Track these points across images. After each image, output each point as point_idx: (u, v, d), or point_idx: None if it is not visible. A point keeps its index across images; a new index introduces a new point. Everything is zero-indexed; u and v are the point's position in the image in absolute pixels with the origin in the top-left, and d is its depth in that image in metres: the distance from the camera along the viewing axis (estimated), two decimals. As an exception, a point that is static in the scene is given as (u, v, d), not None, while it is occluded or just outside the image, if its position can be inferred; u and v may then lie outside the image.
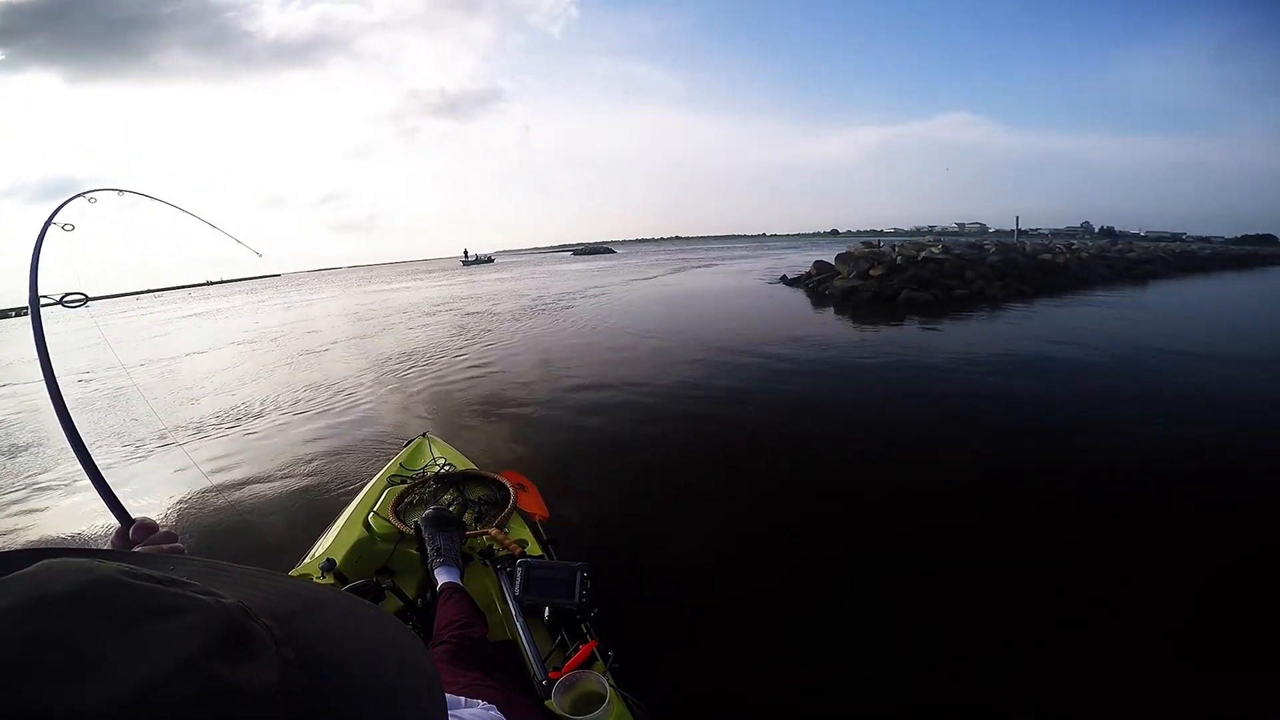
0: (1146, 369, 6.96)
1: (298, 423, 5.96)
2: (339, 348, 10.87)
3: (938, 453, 4.37)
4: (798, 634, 2.46)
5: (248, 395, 7.35)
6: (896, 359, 7.52)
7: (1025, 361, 7.29)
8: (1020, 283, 15.35)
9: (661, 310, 14.16)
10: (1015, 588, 2.75)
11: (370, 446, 4.93)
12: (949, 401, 5.66)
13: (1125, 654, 2.32)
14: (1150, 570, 2.87)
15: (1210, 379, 6.44)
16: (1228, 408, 5.37)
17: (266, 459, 4.90)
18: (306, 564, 1.92)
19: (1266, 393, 5.96)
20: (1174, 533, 3.20)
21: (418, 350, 9.45)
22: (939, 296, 13.30)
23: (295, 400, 6.83)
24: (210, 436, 5.72)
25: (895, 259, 15.49)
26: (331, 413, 6.19)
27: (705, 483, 4.01)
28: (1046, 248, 22.39)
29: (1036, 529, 3.30)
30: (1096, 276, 19.31)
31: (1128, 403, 5.61)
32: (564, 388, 6.62)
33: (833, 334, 9.78)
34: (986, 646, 2.37)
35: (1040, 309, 12.55)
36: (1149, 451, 4.28)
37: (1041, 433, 4.78)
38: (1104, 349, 7.94)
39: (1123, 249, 27.22)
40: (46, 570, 0.29)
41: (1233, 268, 30.35)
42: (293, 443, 5.30)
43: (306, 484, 4.30)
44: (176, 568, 0.36)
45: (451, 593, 1.52)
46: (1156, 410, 5.33)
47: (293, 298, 31.67)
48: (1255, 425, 4.89)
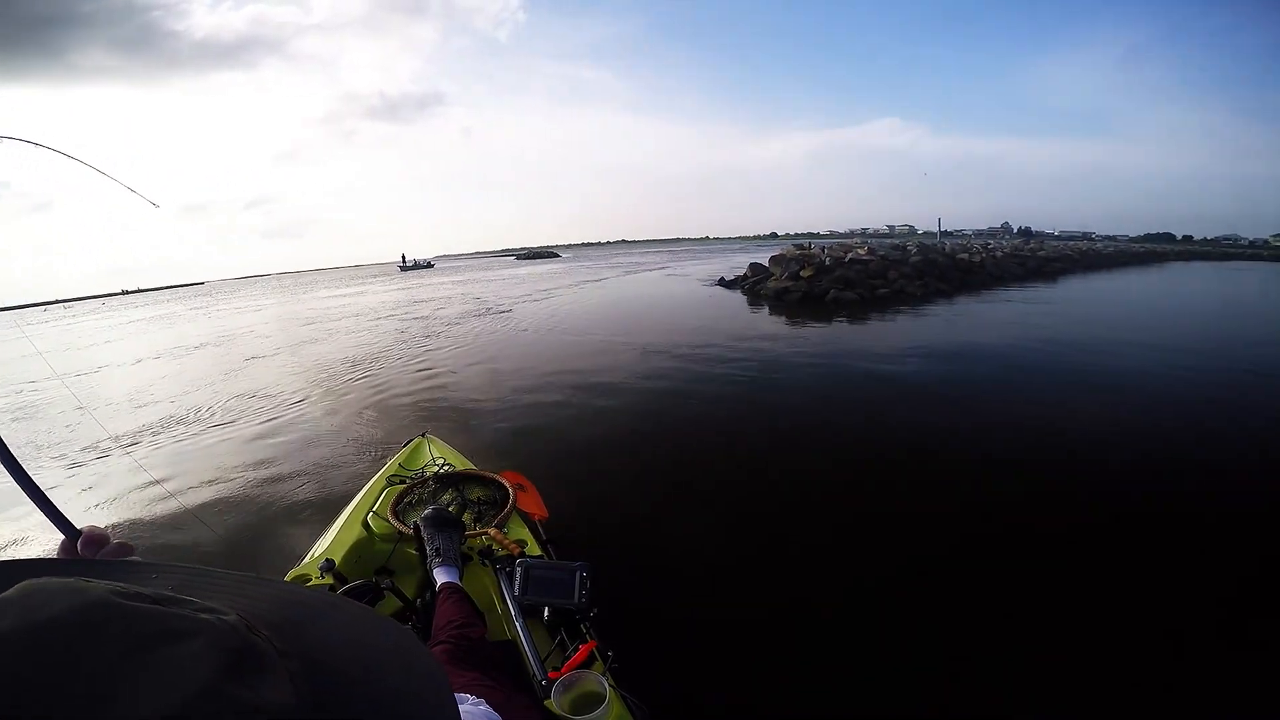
0: (1036, 354, 7.87)
1: (248, 428, 5.81)
2: (282, 358, 10.49)
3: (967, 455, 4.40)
4: (797, 634, 2.45)
5: (184, 405, 7.06)
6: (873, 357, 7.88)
7: (951, 350, 8.09)
8: (939, 281, 16.23)
9: (611, 313, 14.30)
10: (1020, 584, 2.78)
11: (328, 456, 4.86)
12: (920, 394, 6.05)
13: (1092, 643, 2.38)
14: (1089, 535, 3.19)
15: (1097, 361, 7.45)
16: (1115, 387, 6.25)
17: (213, 466, 4.77)
18: (306, 564, 1.90)
19: (1133, 369, 7.03)
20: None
21: (365, 358, 9.24)
22: (864, 296, 13.95)
23: (243, 408, 6.61)
24: (147, 446, 5.53)
25: (824, 260, 16.03)
26: (282, 423, 5.99)
27: (704, 482, 4.00)
28: (964, 248, 23.71)
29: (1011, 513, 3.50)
30: (1010, 274, 20.65)
31: (1020, 386, 6.39)
32: (521, 388, 6.66)
33: (778, 334, 10.10)
34: (986, 648, 2.36)
35: (959, 305, 13.51)
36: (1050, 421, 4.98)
37: (966, 408, 5.50)
38: (1013, 338, 8.83)
39: (1034, 248, 29.09)
40: (32, 593, 0.28)
41: (1134, 265, 33.10)
42: (243, 448, 5.19)
43: (261, 490, 4.21)
44: (160, 578, 0.36)
45: (450, 593, 1.51)
46: (1043, 390, 6.16)
47: (223, 306, 29.84)
48: (1134, 396, 5.91)
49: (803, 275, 15.09)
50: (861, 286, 14.42)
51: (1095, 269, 27.40)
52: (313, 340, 12.30)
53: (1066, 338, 8.95)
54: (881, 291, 14.55)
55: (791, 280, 15.08)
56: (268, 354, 10.87)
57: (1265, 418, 5.13)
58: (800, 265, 15.74)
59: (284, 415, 6.10)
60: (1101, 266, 28.97)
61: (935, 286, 15.75)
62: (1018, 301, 14.31)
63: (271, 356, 10.54)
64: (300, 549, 2.39)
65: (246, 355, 10.93)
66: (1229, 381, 6.41)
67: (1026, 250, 27.08)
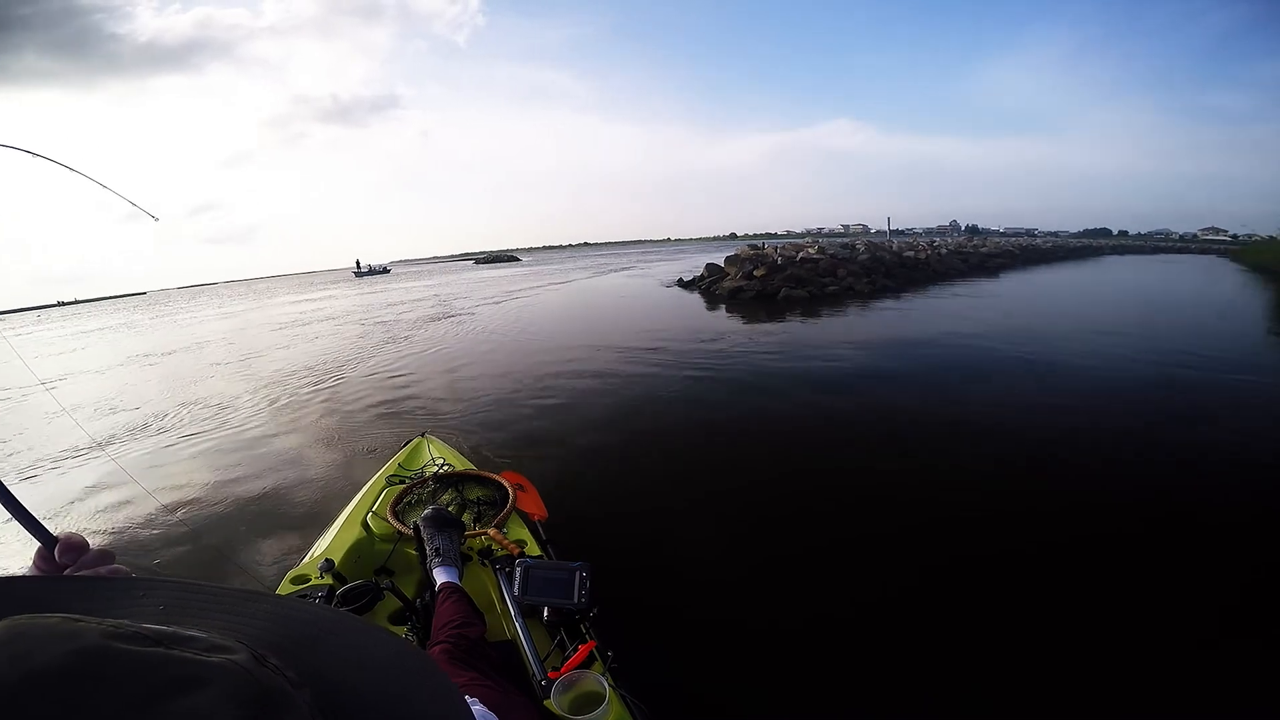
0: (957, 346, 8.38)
1: (222, 435, 5.66)
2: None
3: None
4: (797, 634, 2.44)
5: (149, 411, 6.87)
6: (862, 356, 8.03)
7: (895, 343, 8.48)
8: (885, 278, 16.82)
9: (574, 314, 14.37)
10: (1032, 579, 2.77)
11: (302, 453, 4.86)
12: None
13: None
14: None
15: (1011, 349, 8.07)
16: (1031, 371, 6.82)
17: (190, 472, 4.68)
18: (305, 564, 1.88)
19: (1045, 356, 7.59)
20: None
21: (324, 365, 9.02)
22: (814, 293, 14.36)
23: (208, 416, 6.39)
24: (134, 451, 5.41)
25: (776, 260, 16.42)
26: (256, 433, 5.88)
27: (696, 481, 3.98)
28: (911, 246, 24.69)
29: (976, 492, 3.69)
30: (954, 271, 21.53)
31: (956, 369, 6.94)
32: (486, 388, 6.65)
33: (739, 332, 10.19)
34: (987, 648, 2.33)
35: (905, 300, 14.07)
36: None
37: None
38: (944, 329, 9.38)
39: (977, 245, 30.44)
40: (17, 636, 0.26)
41: (1071, 259, 34.96)
42: (223, 455, 5.08)
43: (240, 494, 4.14)
44: (148, 597, 0.34)
45: (450, 593, 1.51)
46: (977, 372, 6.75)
47: (180, 318, 28.40)
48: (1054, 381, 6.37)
49: (756, 274, 15.47)
50: (812, 284, 14.88)
51: (1034, 264, 28.89)
52: (283, 346, 11.99)
53: (997, 331, 9.50)
54: (831, 289, 14.98)
55: (745, 279, 15.45)
56: (234, 360, 10.71)
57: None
58: (754, 265, 16.13)
59: (252, 423, 6.10)
60: (1040, 261, 30.58)
61: (881, 283, 16.29)
62: (965, 296, 15.06)
63: (240, 362, 10.35)
64: (281, 551, 2.39)
65: (217, 361, 10.73)
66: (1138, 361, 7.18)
67: (969, 247, 28.37)
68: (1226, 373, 6.50)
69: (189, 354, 12.40)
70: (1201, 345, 7.98)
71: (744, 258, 17.40)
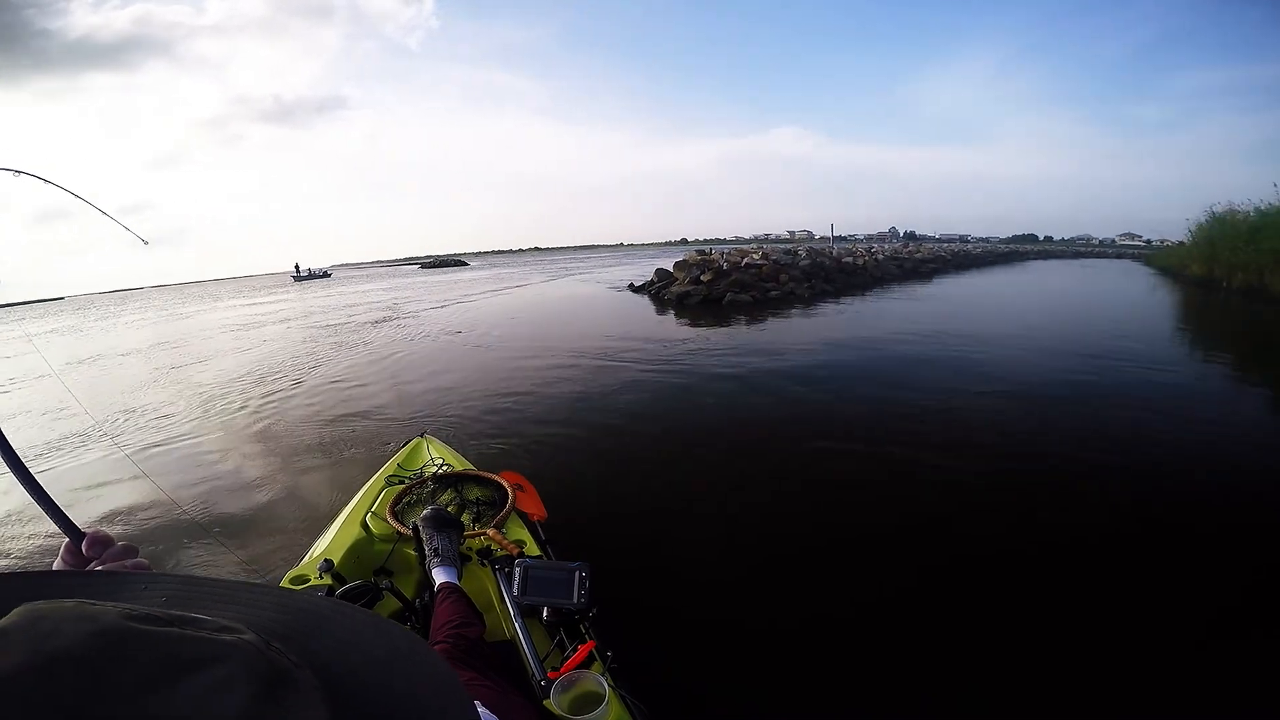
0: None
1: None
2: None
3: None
4: (797, 633, 2.45)
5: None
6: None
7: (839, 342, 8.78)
8: (825, 283, 17.42)
9: (528, 319, 14.32)
10: (1031, 578, 2.79)
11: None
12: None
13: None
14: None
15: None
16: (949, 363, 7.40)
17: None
18: (304, 564, 1.85)
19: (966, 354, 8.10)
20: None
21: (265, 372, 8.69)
22: (757, 298, 14.76)
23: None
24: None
25: (722, 265, 16.76)
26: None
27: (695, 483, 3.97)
28: (850, 252, 25.80)
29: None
30: (890, 275, 22.44)
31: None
32: (442, 390, 6.57)
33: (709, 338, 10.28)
34: (989, 651, 2.32)
35: (844, 303, 14.70)
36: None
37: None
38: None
39: (912, 251, 31.99)
40: (37, 620, 0.26)
41: (1000, 263, 37.08)
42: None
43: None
44: (150, 589, 0.35)
45: (449, 593, 1.51)
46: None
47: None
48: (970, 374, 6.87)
49: (703, 280, 15.68)
50: (755, 289, 15.26)
51: (965, 268, 30.50)
52: (227, 353, 11.61)
53: (919, 329, 10.17)
54: (773, 294, 15.43)
55: (693, 284, 15.66)
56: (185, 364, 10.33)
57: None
58: (701, 270, 16.38)
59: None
60: (971, 266, 32.31)
61: (821, 288, 16.85)
62: (903, 299, 15.91)
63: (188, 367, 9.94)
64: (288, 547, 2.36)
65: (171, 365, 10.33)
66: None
67: (905, 253, 29.80)
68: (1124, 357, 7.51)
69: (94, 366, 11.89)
70: (1097, 336, 9.06)
71: (692, 263, 17.73)
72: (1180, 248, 24.20)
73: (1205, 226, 19.86)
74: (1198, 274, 18.94)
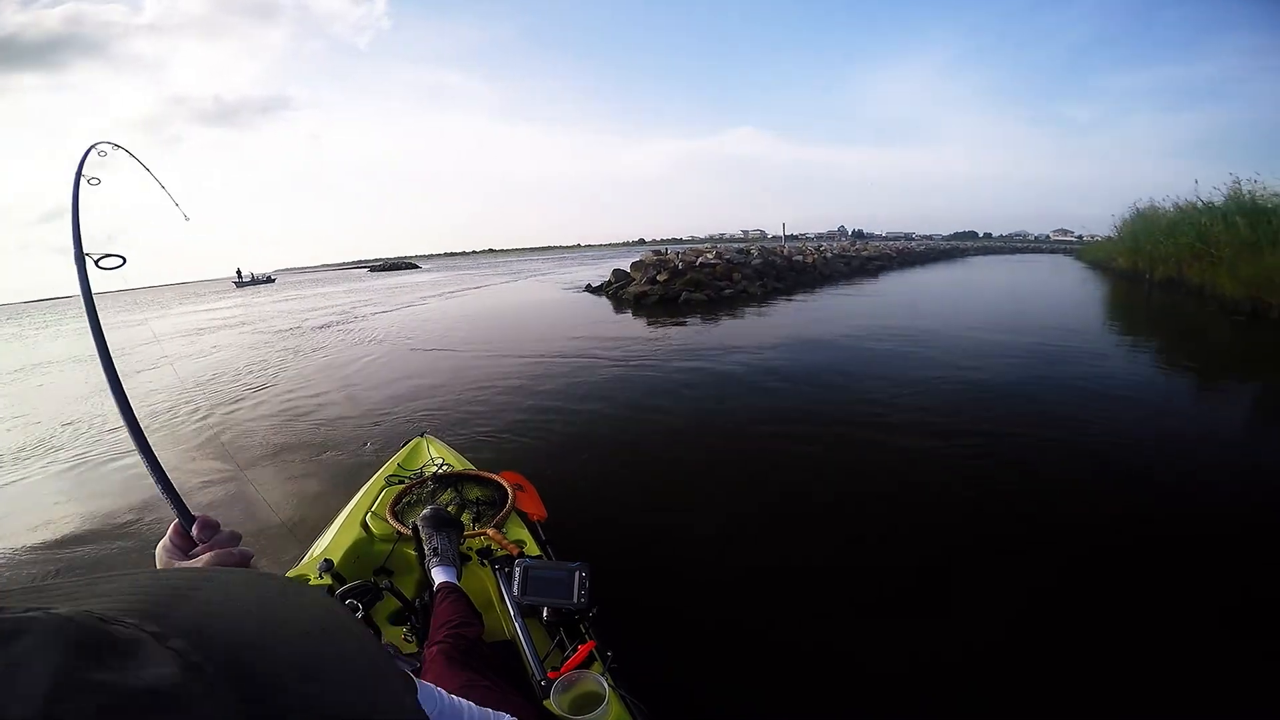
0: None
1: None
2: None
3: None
4: (797, 632, 2.45)
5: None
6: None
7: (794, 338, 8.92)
8: (776, 281, 17.84)
9: (485, 321, 14.17)
10: (1029, 577, 2.77)
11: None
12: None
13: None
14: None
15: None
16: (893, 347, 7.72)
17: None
18: (304, 564, 1.84)
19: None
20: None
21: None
22: (711, 296, 14.99)
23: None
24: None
25: (678, 265, 16.91)
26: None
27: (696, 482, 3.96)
28: (800, 251, 26.43)
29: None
30: (838, 273, 23.12)
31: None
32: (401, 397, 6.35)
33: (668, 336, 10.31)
34: (991, 653, 2.31)
35: (796, 300, 15.12)
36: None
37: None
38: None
39: (860, 249, 32.95)
40: None
41: (942, 260, 38.56)
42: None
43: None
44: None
45: (448, 593, 1.51)
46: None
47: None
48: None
49: (659, 279, 15.79)
50: (710, 288, 15.45)
51: (909, 265, 31.72)
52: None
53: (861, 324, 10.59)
54: (727, 292, 15.66)
55: (650, 284, 15.74)
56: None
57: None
58: (657, 270, 16.48)
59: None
60: (915, 263, 33.57)
61: (772, 286, 17.23)
62: (852, 295, 16.44)
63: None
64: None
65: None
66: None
67: (853, 251, 30.69)
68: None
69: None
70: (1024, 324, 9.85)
71: (648, 263, 17.84)
72: (1108, 242, 25.57)
73: (1129, 222, 20.94)
74: (1123, 267, 20.00)
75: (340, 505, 2.44)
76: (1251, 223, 11.41)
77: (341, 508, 2.37)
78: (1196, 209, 14.69)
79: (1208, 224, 13.26)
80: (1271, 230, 10.64)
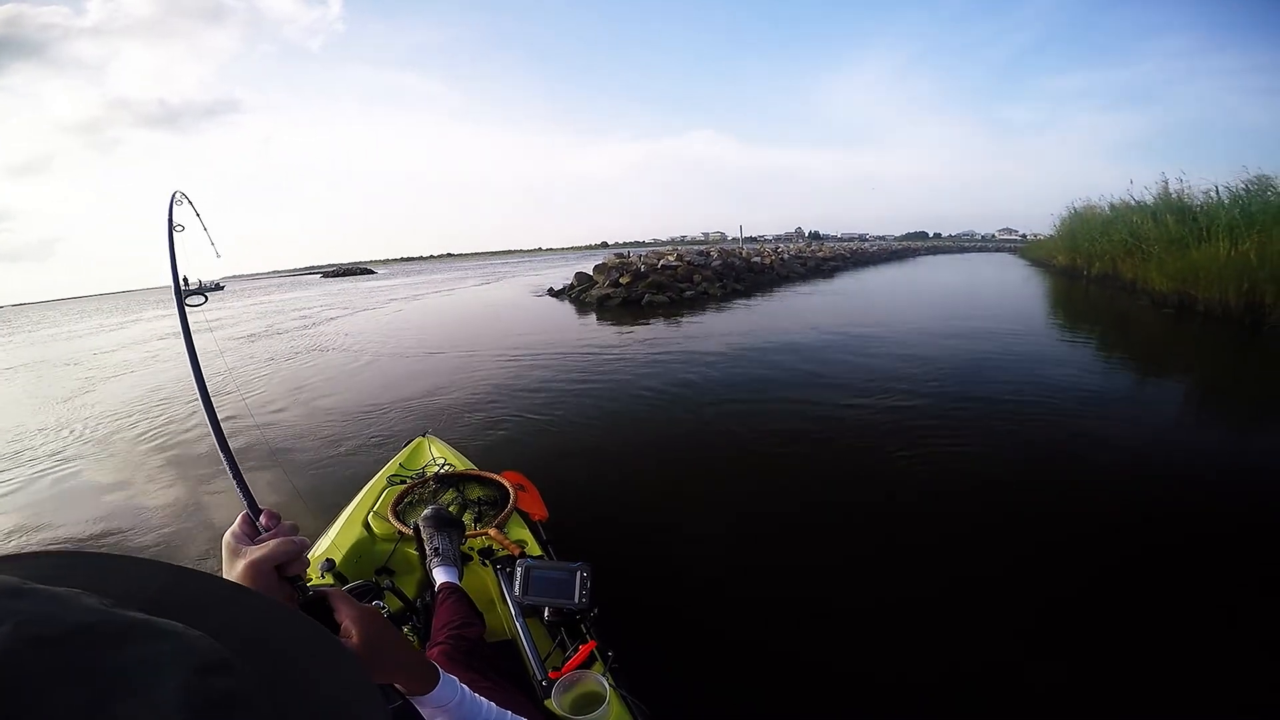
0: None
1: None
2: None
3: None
4: (797, 632, 2.43)
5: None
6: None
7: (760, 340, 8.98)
8: (735, 283, 18.12)
9: (447, 326, 13.96)
10: (1028, 578, 2.76)
11: None
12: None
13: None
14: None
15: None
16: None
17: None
18: None
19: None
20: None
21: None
22: (673, 298, 15.10)
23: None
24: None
25: (640, 268, 17.00)
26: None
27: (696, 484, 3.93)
28: (759, 252, 26.88)
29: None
30: (795, 274, 23.62)
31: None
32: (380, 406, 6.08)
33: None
34: (985, 649, 2.30)
35: (756, 300, 15.41)
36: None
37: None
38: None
39: (815, 250, 33.71)
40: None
41: (894, 260, 39.71)
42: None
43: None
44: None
45: (449, 593, 1.50)
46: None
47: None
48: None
49: (622, 282, 15.80)
50: (671, 290, 15.56)
51: (863, 265, 32.68)
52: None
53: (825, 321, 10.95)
54: (688, 294, 15.81)
55: (612, 287, 15.76)
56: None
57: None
58: (619, 273, 16.47)
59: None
60: (868, 263, 34.56)
61: (732, 287, 17.51)
62: (810, 294, 16.95)
63: None
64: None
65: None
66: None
67: (809, 252, 31.39)
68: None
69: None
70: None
71: (610, 266, 17.82)
72: (1048, 241, 26.72)
73: (1067, 221, 21.84)
74: (1063, 264, 20.92)
75: (332, 509, 2.42)
76: (1179, 220, 12.10)
77: (341, 509, 2.34)
78: (1129, 208, 15.45)
79: (1139, 222, 13.98)
80: (1198, 227, 11.28)
